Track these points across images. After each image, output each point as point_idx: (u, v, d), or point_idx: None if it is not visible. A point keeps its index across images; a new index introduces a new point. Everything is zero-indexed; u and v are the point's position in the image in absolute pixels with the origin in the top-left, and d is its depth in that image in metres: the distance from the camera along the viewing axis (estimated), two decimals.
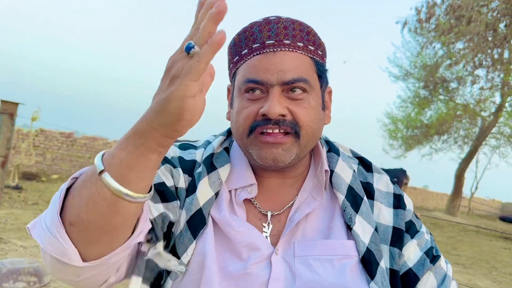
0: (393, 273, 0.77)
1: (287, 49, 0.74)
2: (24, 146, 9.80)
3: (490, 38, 8.17)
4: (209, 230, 0.75)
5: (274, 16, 0.78)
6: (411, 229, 0.83)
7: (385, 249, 0.78)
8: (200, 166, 0.80)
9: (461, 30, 8.11)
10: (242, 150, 0.82)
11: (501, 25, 7.88)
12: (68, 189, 0.63)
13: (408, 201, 0.86)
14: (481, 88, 16.02)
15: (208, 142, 0.86)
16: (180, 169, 0.78)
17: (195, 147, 0.86)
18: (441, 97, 18.77)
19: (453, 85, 17.43)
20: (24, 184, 8.62)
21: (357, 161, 0.90)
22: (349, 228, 0.78)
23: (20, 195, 7.67)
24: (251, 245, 0.74)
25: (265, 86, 0.73)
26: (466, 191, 22.36)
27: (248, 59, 0.76)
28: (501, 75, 13.87)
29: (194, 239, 0.73)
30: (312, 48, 0.78)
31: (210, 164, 0.79)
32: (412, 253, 0.80)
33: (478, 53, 8.50)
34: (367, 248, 0.75)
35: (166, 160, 0.79)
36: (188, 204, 0.74)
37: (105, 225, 0.59)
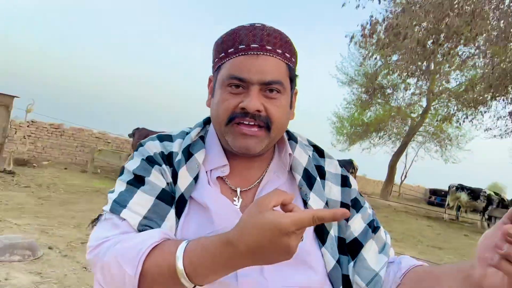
0: (341, 240, 0.78)
1: (268, 54, 0.72)
2: (19, 135, 9.36)
3: (420, 52, 8.44)
4: (188, 208, 0.74)
5: (260, 24, 0.76)
6: (357, 205, 0.83)
7: None
8: (178, 154, 0.77)
9: (397, 45, 8.35)
10: (218, 135, 0.80)
11: (429, 42, 8.16)
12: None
13: (353, 181, 0.87)
14: (412, 94, 16.64)
15: (185, 133, 0.82)
16: (163, 165, 0.75)
17: (171, 138, 0.81)
18: (379, 100, 19.30)
19: (389, 91, 17.98)
20: (16, 170, 8.22)
21: (312, 148, 0.89)
22: (305, 203, 0.77)
23: (14, 179, 7.33)
24: (225, 215, 0.72)
25: (246, 83, 0.71)
26: (397, 178, 23.17)
27: (234, 57, 0.73)
28: (428, 84, 14.45)
29: (179, 218, 0.72)
30: (288, 55, 0.76)
31: (188, 152, 0.76)
32: (357, 224, 0.81)
33: (410, 64, 8.78)
34: None
35: (152, 161, 0.76)
36: (176, 191, 0.73)
37: None
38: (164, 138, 0.81)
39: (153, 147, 0.78)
